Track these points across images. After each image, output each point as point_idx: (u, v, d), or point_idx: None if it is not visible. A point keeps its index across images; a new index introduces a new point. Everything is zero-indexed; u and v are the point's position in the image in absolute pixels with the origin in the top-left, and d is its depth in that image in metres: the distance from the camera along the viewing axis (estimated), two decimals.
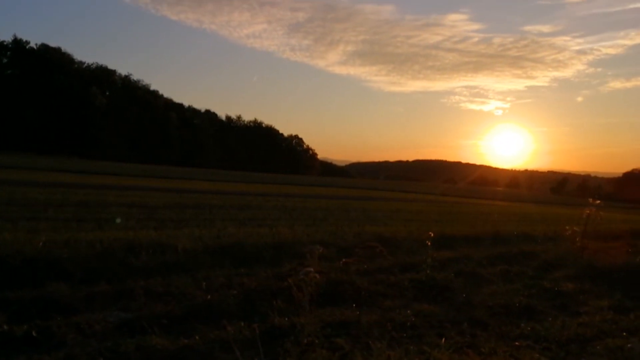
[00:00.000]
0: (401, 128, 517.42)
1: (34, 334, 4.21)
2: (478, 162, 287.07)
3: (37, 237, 7.50)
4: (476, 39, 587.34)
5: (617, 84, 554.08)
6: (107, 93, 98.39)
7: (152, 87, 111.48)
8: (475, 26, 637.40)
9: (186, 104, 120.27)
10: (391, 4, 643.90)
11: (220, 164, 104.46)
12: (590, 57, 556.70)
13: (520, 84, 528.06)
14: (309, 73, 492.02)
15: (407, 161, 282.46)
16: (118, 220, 11.77)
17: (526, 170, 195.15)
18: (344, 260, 7.07)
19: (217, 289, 6.04)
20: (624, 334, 4.50)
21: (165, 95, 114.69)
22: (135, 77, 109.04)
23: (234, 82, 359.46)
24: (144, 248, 7.71)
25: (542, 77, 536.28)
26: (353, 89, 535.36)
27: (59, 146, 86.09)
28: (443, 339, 4.20)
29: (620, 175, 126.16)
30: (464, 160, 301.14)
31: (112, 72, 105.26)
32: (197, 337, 4.27)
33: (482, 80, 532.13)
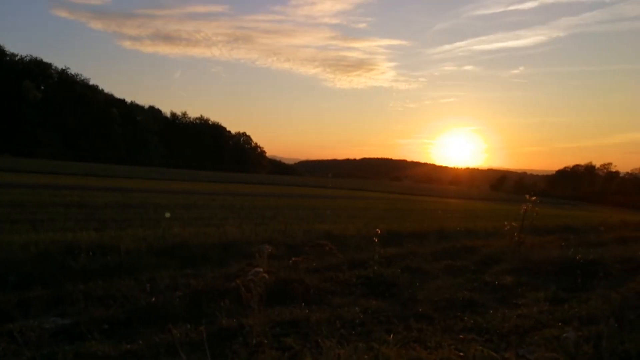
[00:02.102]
0: (349, 126, 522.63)
1: None
2: (422, 160, 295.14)
3: None
4: None
5: (547, 82, 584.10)
6: (42, 87, 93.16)
7: (92, 82, 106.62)
8: None
9: (128, 100, 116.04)
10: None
11: (165, 162, 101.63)
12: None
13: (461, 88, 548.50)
14: (257, 70, 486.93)
15: (355, 159, 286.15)
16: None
17: (467, 168, 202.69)
18: (293, 259, 7.05)
19: (162, 290, 5.87)
20: (559, 324, 4.74)
21: (106, 90, 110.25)
22: (72, 71, 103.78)
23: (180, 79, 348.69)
24: (84, 250, 7.40)
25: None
26: (302, 86, 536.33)
27: None
28: (391, 335, 4.27)
29: (554, 173, 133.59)
30: (408, 159, 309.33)
31: (48, 66, 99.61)
32: (140, 342, 4.13)
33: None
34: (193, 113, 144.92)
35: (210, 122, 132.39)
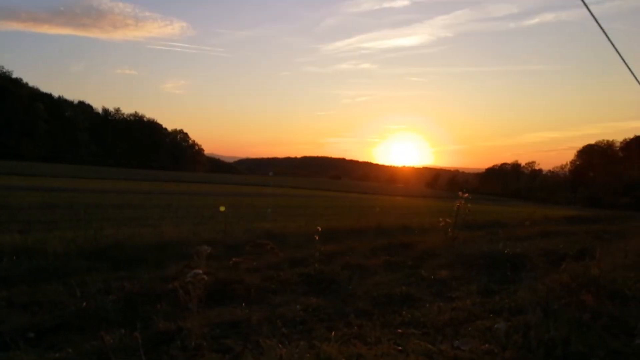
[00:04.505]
0: (294, 124, 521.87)
1: None
2: (361, 159, 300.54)
3: None
4: None
5: (446, 82, 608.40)
6: None
7: (15, 75, 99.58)
8: None
9: (56, 94, 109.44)
10: None
11: (97, 160, 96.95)
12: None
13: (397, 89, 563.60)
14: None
15: (296, 157, 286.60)
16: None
17: (404, 167, 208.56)
18: (233, 259, 6.96)
19: (93, 295, 5.58)
20: (491, 315, 4.97)
21: (31, 84, 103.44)
22: None
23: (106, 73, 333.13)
24: (6, 254, 6.94)
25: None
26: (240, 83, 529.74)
27: None
28: (332, 332, 4.31)
29: (484, 170, 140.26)
30: (348, 157, 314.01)
31: None
32: (70, 350, 3.91)
33: None
34: (127, 109, 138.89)
35: (145, 119, 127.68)
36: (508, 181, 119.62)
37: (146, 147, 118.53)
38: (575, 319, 4.25)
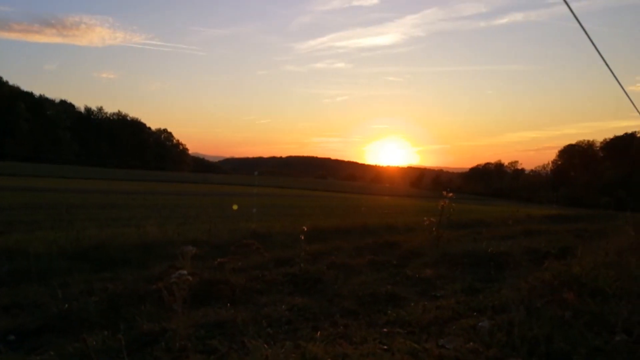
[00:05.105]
0: (277, 123, 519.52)
1: None
2: (346, 159, 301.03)
3: None
4: None
5: (423, 82, 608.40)
6: None
7: None
8: None
9: (37, 93, 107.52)
10: None
11: (79, 160, 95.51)
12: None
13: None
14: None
15: (281, 157, 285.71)
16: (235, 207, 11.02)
17: (389, 167, 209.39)
18: (219, 259, 6.92)
19: (76, 296, 5.52)
20: (475, 313, 5.01)
21: (11, 82, 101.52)
22: None
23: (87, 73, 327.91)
24: None
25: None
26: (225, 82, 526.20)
27: None
28: (318, 332, 4.31)
29: (468, 170, 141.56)
30: (333, 157, 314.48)
31: None
32: (52, 352, 3.85)
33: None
34: (110, 108, 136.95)
35: (128, 118, 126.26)
36: (491, 181, 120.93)
37: (130, 147, 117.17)
38: (558, 316, 4.31)
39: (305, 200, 34.84)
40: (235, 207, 11.89)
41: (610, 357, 3.60)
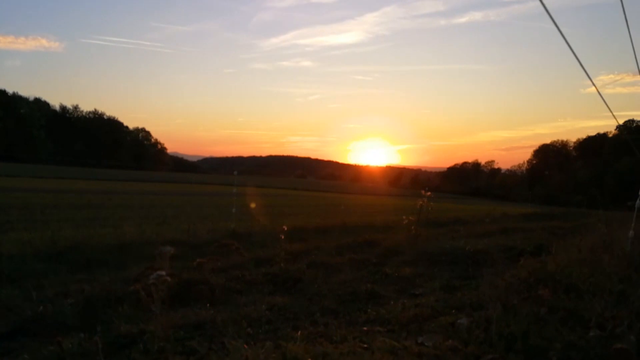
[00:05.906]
0: (252, 123, 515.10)
1: None
2: (326, 158, 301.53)
3: None
4: None
5: (392, 80, 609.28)
6: None
7: None
8: None
9: (10, 90, 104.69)
10: None
11: (53, 159, 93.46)
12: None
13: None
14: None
15: (261, 156, 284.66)
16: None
17: (368, 166, 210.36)
18: (198, 260, 6.86)
19: (51, 298, 5.40)
20: (453, 311, 5.07)
21: None
22: None
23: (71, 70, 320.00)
24: None
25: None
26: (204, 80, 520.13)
27: None
28: (298, 332, 4.31)
29: (446, 169, 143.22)
30: (313, 156, 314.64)
31: None
32: (26, 356, 3.77)
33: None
34: (86, 106, 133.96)
35: (105, 117, 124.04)
36: (469, 180, 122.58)
37: (106, 146, 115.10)
38: (534, 313, 4.40)
39: (285, 200, 34.77)
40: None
41: (584, 352, 3.68)
